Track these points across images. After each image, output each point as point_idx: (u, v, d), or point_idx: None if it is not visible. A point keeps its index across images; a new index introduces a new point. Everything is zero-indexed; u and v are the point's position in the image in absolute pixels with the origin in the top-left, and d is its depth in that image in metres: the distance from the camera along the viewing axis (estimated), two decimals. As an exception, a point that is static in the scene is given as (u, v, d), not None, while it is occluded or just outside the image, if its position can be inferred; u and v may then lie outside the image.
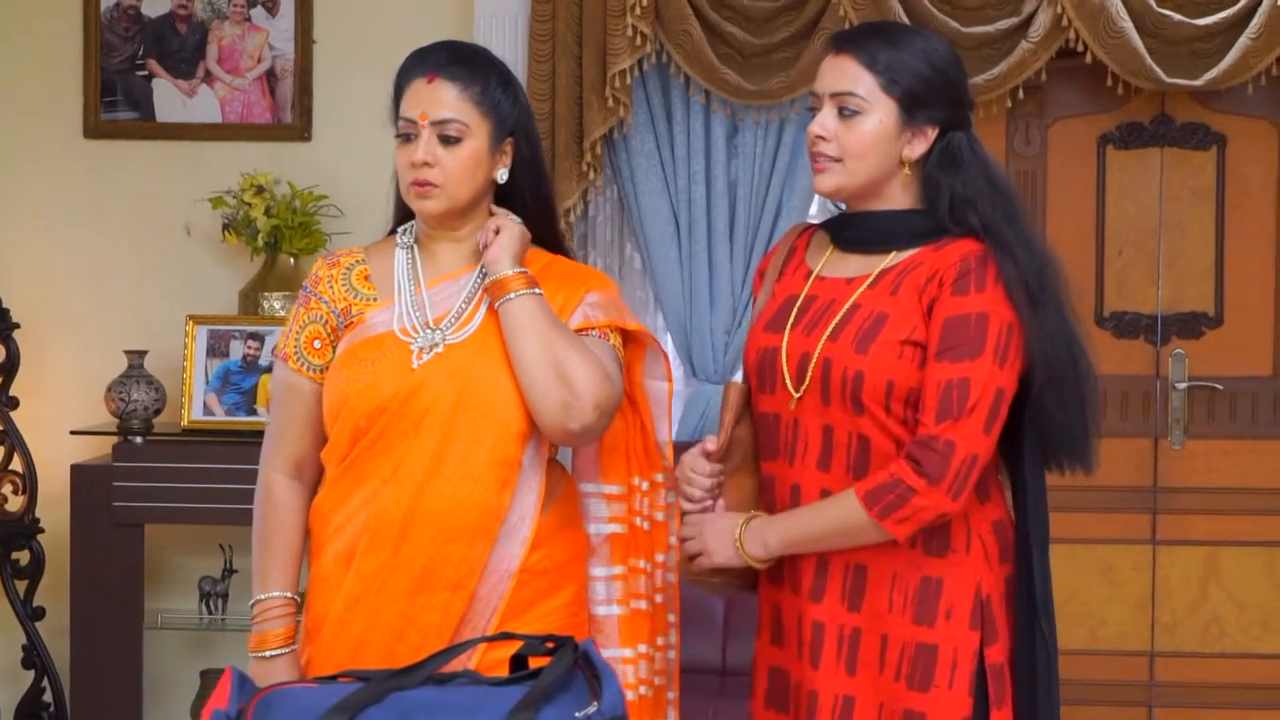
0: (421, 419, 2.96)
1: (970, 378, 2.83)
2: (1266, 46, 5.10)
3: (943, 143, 2.96)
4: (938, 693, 2.90)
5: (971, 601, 2.92)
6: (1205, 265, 5.48)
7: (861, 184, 2.97)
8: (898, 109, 2.94)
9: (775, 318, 3.05)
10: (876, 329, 2.90)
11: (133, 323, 5.49)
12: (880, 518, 2.84)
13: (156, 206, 5.55)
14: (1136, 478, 5.48)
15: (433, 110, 3.01)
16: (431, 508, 2.94)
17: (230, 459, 5.05)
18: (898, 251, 2.97)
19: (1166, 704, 5.48)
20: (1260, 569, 5.48)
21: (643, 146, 5.36)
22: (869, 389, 2.88)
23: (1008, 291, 2.87)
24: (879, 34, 3.02)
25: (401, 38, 5.41)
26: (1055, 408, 2.92)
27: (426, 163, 3.00)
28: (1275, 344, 5.48)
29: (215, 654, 5.45)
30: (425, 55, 3.07)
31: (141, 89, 5.56)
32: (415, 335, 3.01)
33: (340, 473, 3.01)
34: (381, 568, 2.95)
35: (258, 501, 3.09)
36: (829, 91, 2.96)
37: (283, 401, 3.09)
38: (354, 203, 5.43)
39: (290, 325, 3.10)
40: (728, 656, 5.13)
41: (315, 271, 3.11)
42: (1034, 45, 5.15)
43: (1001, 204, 2.95)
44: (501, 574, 2.98)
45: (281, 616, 3.02)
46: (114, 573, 5.08)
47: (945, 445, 2.82)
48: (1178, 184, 5.48)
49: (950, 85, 2.98)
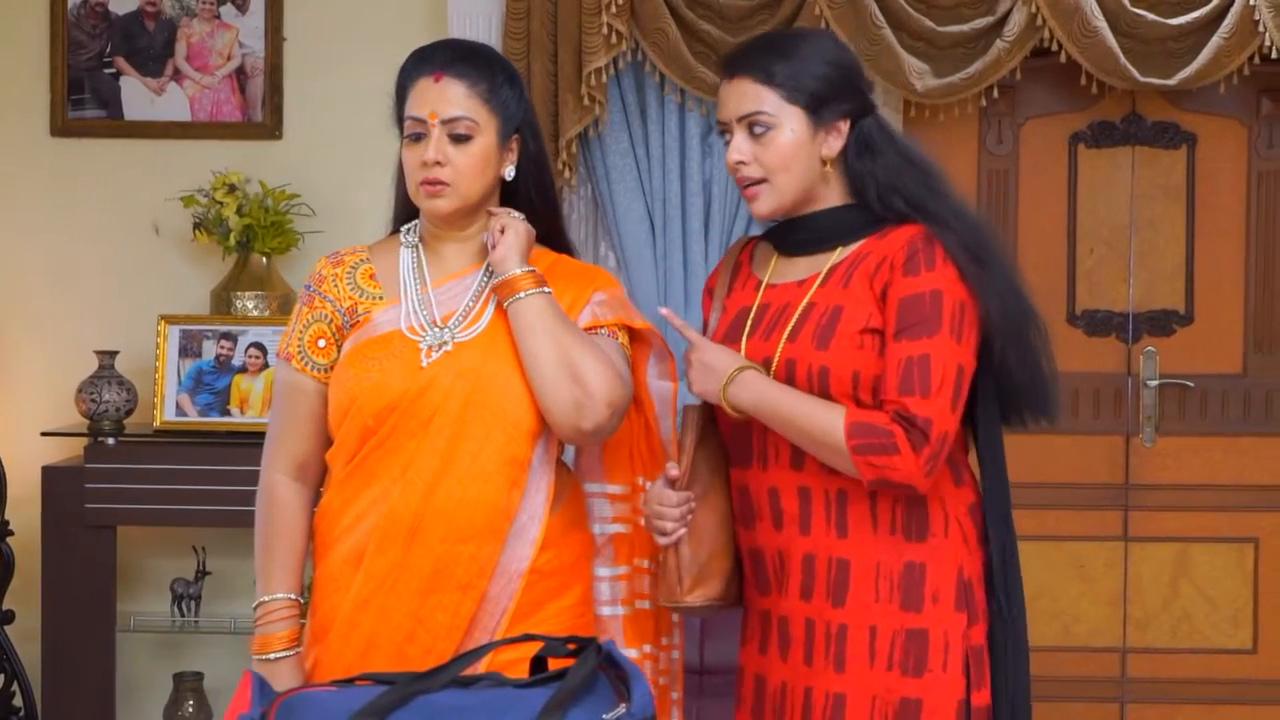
0: (431, 418, 2.94)
1: (930, 354, 2.87)
2: (1238, 46, 5.13)
3: (855, 133, 3.01)
4: (932, 677, 2.92)
5: (955, 584, 2.95)
6: (1176, 264, 5.52)
7: (793, 197, 3.02)
8: (805, 115, 2.98)
9: (730, 329, 3.08)
10: (834, 323, 2.94)
11: (102, 323, 5.44)
12: (855, 452, 2.86)
13: (125, 205, 5.50)
14: (1108, 475, 5.51)
15: (442, 109, 2.99)
16: (442, 507, 2.93)
17: (203, 460, 5.02)
18: (843, 247, 3.02)
19: (1139, 699, 5.52)
20: (1230, 565, 5.52)
21: (617, 145, 5.35)
22: (835, 382, 2.91)
23: (957, 265, 2.92)
24: (767, 49, 3.05)
25: (373, 36, 5.47)
26: (1018, 364, 2.98)
27: (438, 162, 2.98)
28: (1245, 341, 5.52)
29: (188, 657, 5.41)
30: (429, 54, 3.05)
31: (109, 87, 5.51)
32: (423, 334, 3.00)
33: (349, 473, 2.99)
34: (392, 568, 2.93)
35: (260, 503, 3.06)
36: (735, 116, 3.01)
37: (285, 401, 3.07)
38: (326, 202, 5.40)
39: (293, 325, 3.08)
40: (705, 656, 5.12)
41: (319, 270, 3.09)
42: (1009, 44, 5.16)
43: (922, 179, 3.01)
44: (511, 574, 2.96)
45: (286, 619, 3.01)
46: (86, 575, 5.03)
47: (924, 423, 2.86)
48: (1148, 183, 5.51)
49: (848, 77, 3.03)
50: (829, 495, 2.96)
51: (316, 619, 3.01)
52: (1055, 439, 5.47)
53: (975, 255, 2.94)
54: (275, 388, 3.11)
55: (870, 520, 2.95)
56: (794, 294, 3.02)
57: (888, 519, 2.95)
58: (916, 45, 5.19)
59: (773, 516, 3.00)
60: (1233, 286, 5.51)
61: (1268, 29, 5.09)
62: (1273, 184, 5.49)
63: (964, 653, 2.94)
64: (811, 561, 2.97)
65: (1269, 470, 5.51)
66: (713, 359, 2.99)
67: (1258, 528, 5.52)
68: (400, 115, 3.06)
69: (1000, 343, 2.94)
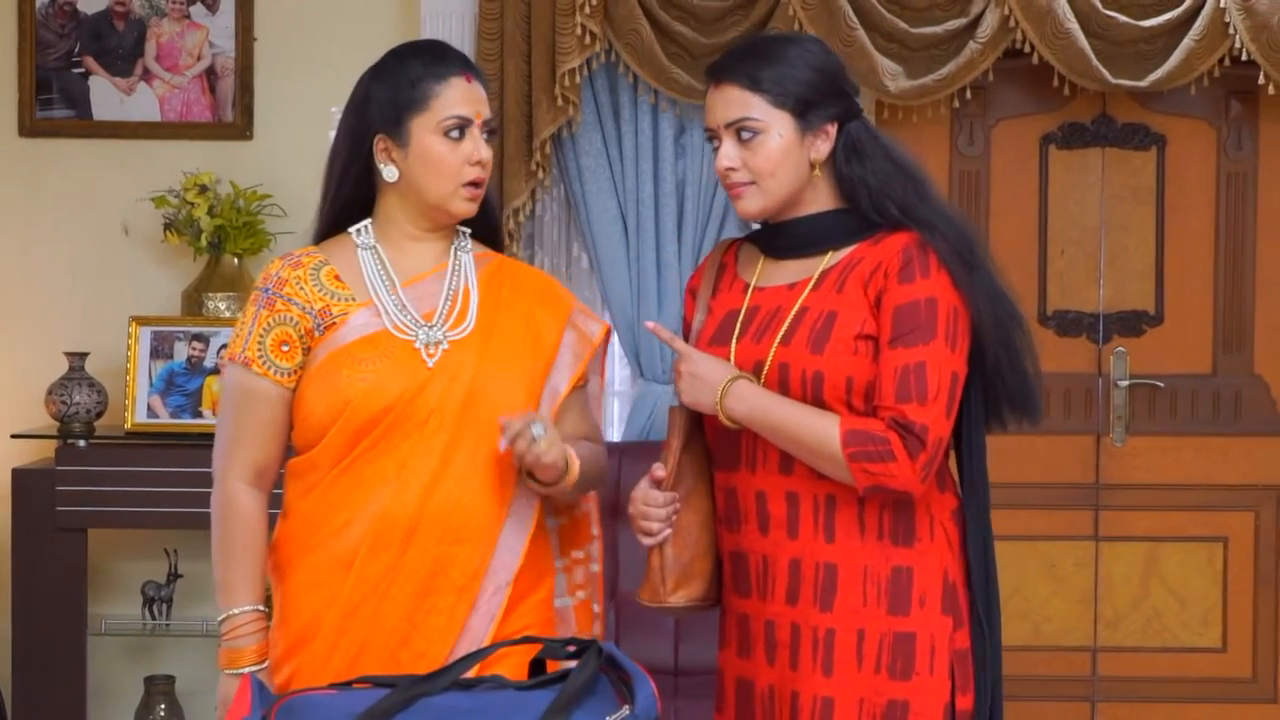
0: (427, 419, 2.92)
1: (926, 361, 2.88)
2: (1209, 48, 5.16)
3: (842, 137, 3.02)
4: (919, 680, 2.93)
5: (941, 588, 2.96)
6: (1146, 264, 5.54)
7: (781, 200, 3.02)
8: (793, 119, 2.98)
9: (719, 332, 3.06)
10: (829, 328, 2.94)
11: (72, 324, 5.40)
12: (851, 460, 2.86)
13: (94, 206, 5.47)
14: (1079, 474, 5.53)
15: (484, 109, 3.01)
16: (440, 509, 2.91)
17: (176, 462, 5.00)
18: (834, 251, 3.02)
19: (1109, 698, 5.54)
20: (1200, 564, 5.55)
21: (590, 146, 5.35)
22: (829, 387, 2.91)
23: (949, 271, 2.93)
24: (752, 55, 3.05)
25: (344, 36, 5.45)
26: (1008, 366, 2.99)
27: (483, 162, 2.99)
28: (1214, 342, 5.55)
29: (159, 660, 5.38)
30: (446, 53, 3.04)
31: (78, 87, 5.47)
32: (413, 333, 2.98)
33: (335, 475, 2.94)
34: (386, 572, 2.90)
35: (220, 513, 2.97)
36: (723, 123, 3.01)
37: (242, 407, 2.99)
38: (297, 202, 5.36)
39: (248, 328, 2.99)
40: (680, 657, 5.13)
41: (276, 273, 3.00)
42: (982, 46, 5.18)
43: (912, 184, 3.02)
44: (503, 576, 2.96)
45: (255, 632, 2.94)
46: (56, 578, 5.00)
47: (921, 429, 2.86)
48: (1119, 184, 5.54)
49: (834, 81, 3.03)
50: (817, 500, 2.96)
51: (293, 628, 2.95)
52: (1026, 439, 5.42)
53: (965, 260, 2.95)
54: (229, 393, 3.02)
55: (858, 525, 2.95)
56: (784, 297, 3.02)
57: (875, 524, 2.96)
58: (889, 46, 5.20)
59: (759, 520, 3.00)
60: (1202, 287, 5.54)
61: (1238, 31, 5.12)
62: (1242, 185, 5.53)
63: (950, 656, 2.96)
64: (798, 566, 2.97)
65: (1238, 470, 5.54)
66: (704, 370, 2.97)
67: (1227, 527, 5.55)
68: (397, 115, 2.97)
69: (992, 347, 2.96)
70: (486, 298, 3.05)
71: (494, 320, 3.03)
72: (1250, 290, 5.54)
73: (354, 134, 3.03)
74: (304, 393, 2.97)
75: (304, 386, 2.97)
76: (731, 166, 3.00)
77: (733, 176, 3.00)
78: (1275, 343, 5.53)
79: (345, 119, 3.07)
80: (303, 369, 2.98)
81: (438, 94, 2.98)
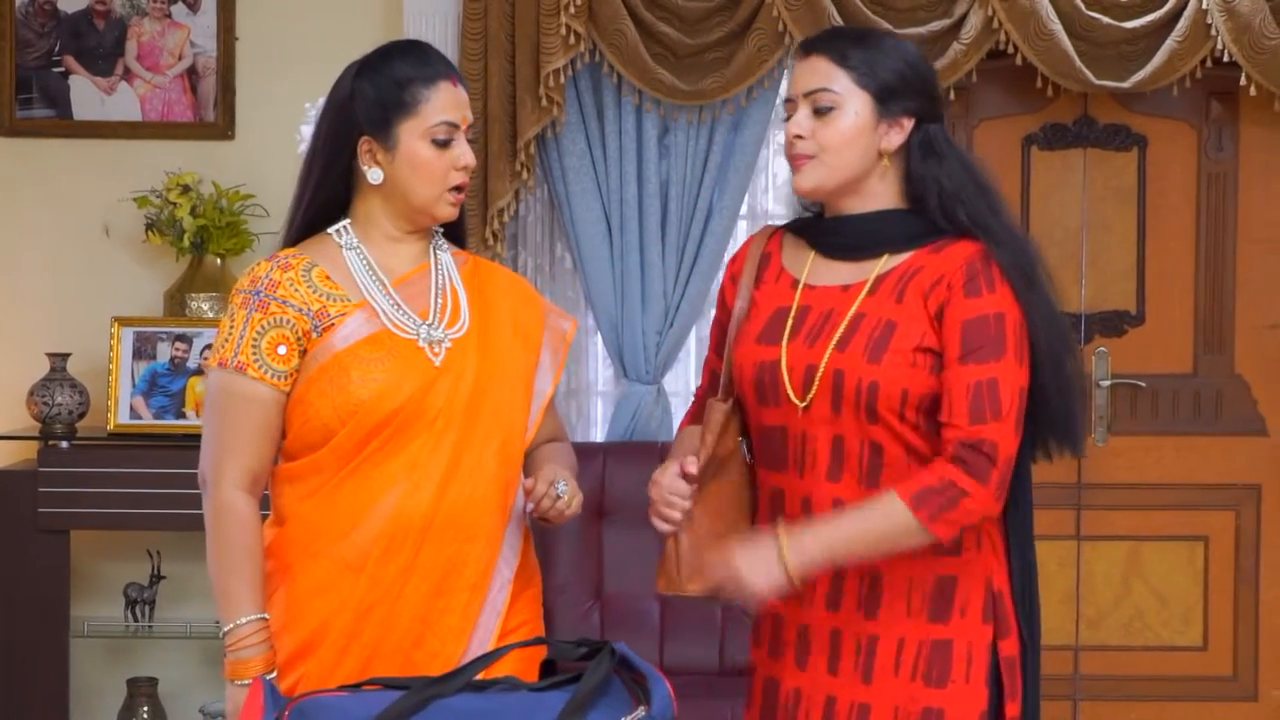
0: (435, 418, 2.92)
1: (999, 378, 2.83)
2: (1191, 49, 5.18)
3: (920, 134, 2.95)
4: (955, 688, 2.90)
5: (984, 596, 2.93)
6: (1127, 265, 5.56)
7: (841, 180, 2.94)
8: (872, 101, 2.92)
9: (767, 329, 3.00)
10: (887, 338, 2.88)
11: (53, 325, 5.38)
12: (929, 520, 2.79)
13: (75, 206, 5.44)
14: (1061, 474, 5.49)
15: (468, 114, 3.00)
16: (452, 508, 2.91)
17: (158, 463, 4.99)
18: (890, 255, 2.95)
19: (1091, 697, 5.56)
20: (1181, 563, 5.57)
21: (574, 146, 5.34)
22: (884, 398, 2.86)
23: (1012, 286, 2.88)
24: (847, 35, 3.03)
25: (327, 35, 5.43)
26: (1055, 391, 2.92)
27: (468, 168, 2.99)
28: (1195, 342, 5.57)
29: (142, 662, 5.36)
30: (431, 56, 3.02)
31: (58, 86, 5.45)
32: (414, 332, 2.97)
33: (341, 478, 2.92)
34: (400, 573, 2.89)
35: (217, 521, 2.92)
36: (803, 91, 2.95)
37: (236, 413, 2.93)
38: (279, 202, 5.26)
39: (240, 332, 2.93)
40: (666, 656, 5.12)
41: (266, 275, 2.96)
42: (966, 47, 5.19)
43: (985, 197, 2.95)
44: (506, 571, 2.98)
45: (262, 642, 2.88)
46: (39, 580, 4.99)
47: (990, 447, 2.80)
48: (1100, 184, 5.56)
49: (922, 78, 2.98)
50: None
51: (299, 633, 2.92)
52: (1009, 439, 5.50)
53: (1027, 278, 2.90)
54: (217, 399, 2.95)
55: None
56: (838, 299, 2.95)
57: None
58: (873, 47, 5.20)
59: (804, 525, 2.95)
60: (1183, 287, 5.56)
61: (1220, 32, 5.15)
62: (1222, 186, 5.55)
63: (989, 664, 2.92)
64: (842, 573, 2.92)
65: (1219, 469, 5.57)
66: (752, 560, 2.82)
67: (1208, 526, 5.57)
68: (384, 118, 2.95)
69: (1044, 368, 2.90)
70: (473, 297, 3.05)
71: (485, 320, 3.03)
72: (1231, 290, 5.56)
73: (336, 134, 3.00)
74: (304, 395, 2.93)
75: (304, 389, 2.93)
76: (800, 135, 2.93)
77: (799, 146, 2.93)
78: (1255, 343, 5.56)
79: (326, 117, 3.03)
80: (298, 372, 2.95)
81: (427, 99, 2.96)
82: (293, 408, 2.95)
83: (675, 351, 5.44)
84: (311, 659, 2.91)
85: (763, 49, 5.21)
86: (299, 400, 2.94)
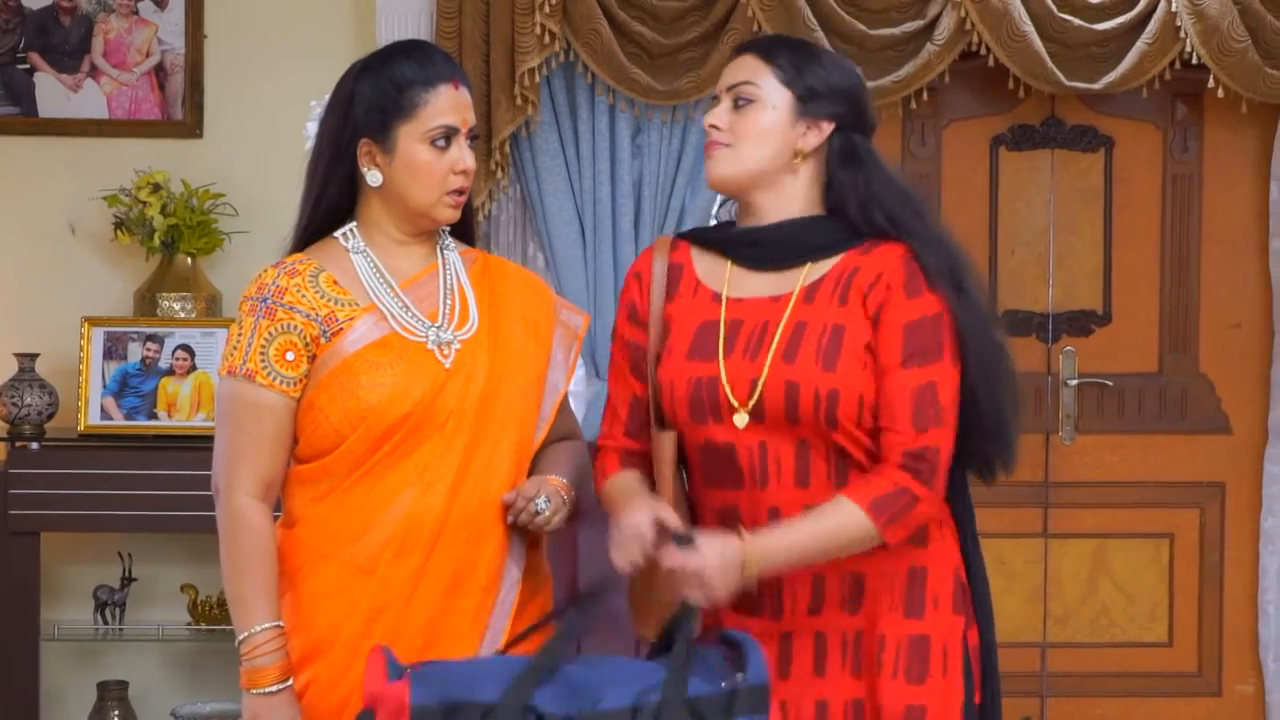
0: (446, 420, 2.92)
1: (937, 380, 2.87)
2: (1160, 51, 5.23)
3: (842, 140, 2.98)
4: (933, 683, 2.93)
5: (953, 587, 2.97)
6: (1094, 265, 5.61)
7: (753, 172, 2.96)
8: (793, 99, 2.95)
9: (697, 345, 2.97)
10: (838, 343, 2.89)
11: (20, 325, 5.30)
12: (885, 526, 2.84)
13: (41, 205, 5.38)
14: (1029, 473, 5.58)
15: (469, 117, 3.00)
16: (464, 510, 2.91)
17: (130, 464, 4.95)
18: (814, 263, 2.95)
19: (1058, 693, 5.61)
20: (1147, 561, 5.63)
21: (547, 145, 5.33)
22: (844, 405, 2.87)
23: (942, 288, 2.89)
24: (785, 42, 3.07)
25: (297, 33, 5.40)
26: (986, 400, 2.93)
27: (468, 171, 2.99)
28: (1161, 341, 5.62)
29: (111, 666, 5.29)
30: (436, 58, 3.01)
31: (23, 83, 5.38)
32: (422, 334, 2.96)
33: (352, 482, 2.92)
34: (412, 576, 2.89)
35: (230, 530, 2.92)
36: (726, 85, 3.00)
37: (246, 421, 2.93)
38: (248, 202, 5.33)
39: (247, 339, 2.93)
40: (641, 657, 5.12)
41: (273, 282, 2.95)
42: (939, 48, 5.22)
43: (907, 201, 2.98)
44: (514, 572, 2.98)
45: (277, 649, 2.90)
46: (8, 583, 4.92)
47: (934, 453, 2.86)
48: (1067, 185, 5.60)
49: (851, 88, 3.01)
50: None
51: (309, 636, 2.92)
52: (977, 438, 5.54)
53: (957, 281, 2.91)
54: (228, 406, 2.95)
55: None
56: (769, 310, 2.94)
57: None
58: (847, 48, 5.21)
59: None
60: (1149, 287, 5.61)
61: (1189, 35, 5.20)
62: (1187, 187, 5.60)
63: (963, 657, 2.96)
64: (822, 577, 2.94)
65: (1184, 467, 5.62)
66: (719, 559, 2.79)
67: (1173, 524, 5.63)
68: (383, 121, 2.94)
69: (973, 376, 2.91)
70: (482, 296, 3.05)
71: (495, 319, 3.03)
72: (1196, 291, 5.61)
73: (337, 136, 2.99)
74: (315, 401, 2.94)
75: (314, 394, 2.94)
76: (716, 125, 2.97)
77: (714, 135, 2.97)
78: (1220, 342, 5.61)
79: (327, 119, 3.02)
80: (308, 377, 2.95)
81: (426, 102, 2.95)
82: (303, 413, 2.96)
83: (648, 351, 5.42)
84: (321, 662, 2.91)
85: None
86: (309, 406, 2.95)
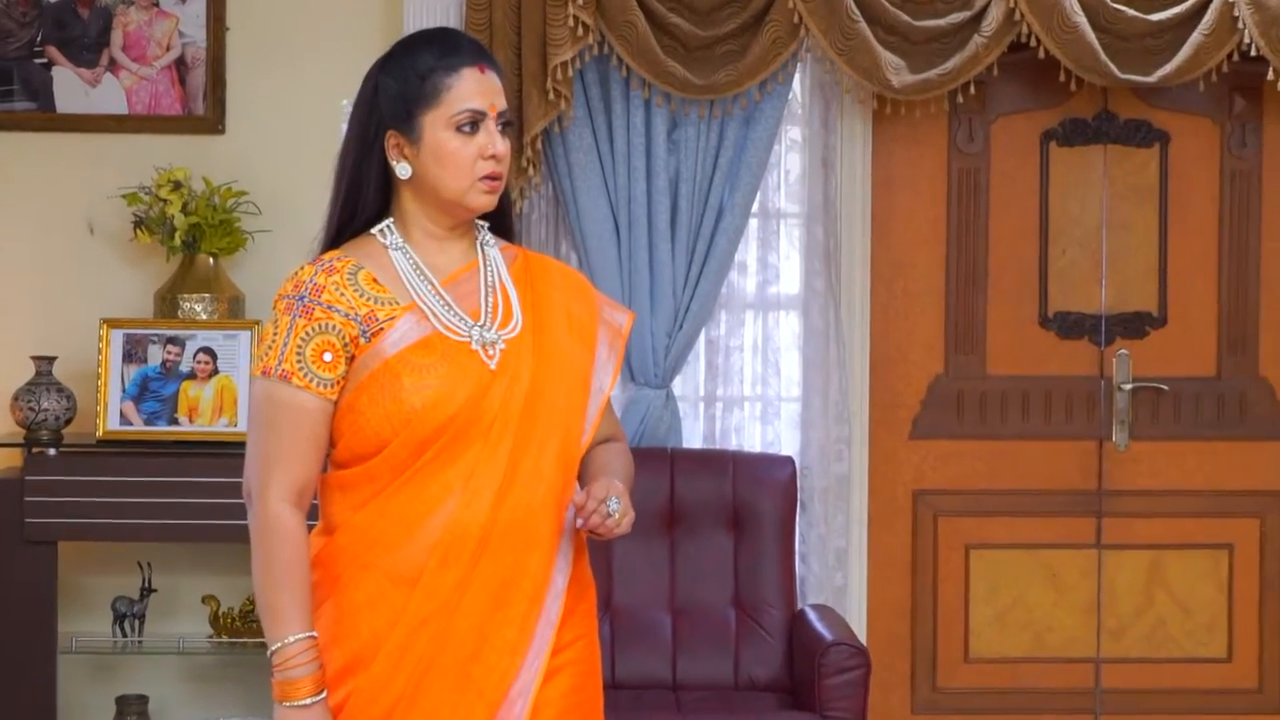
0: (491, 424, 2.79)
1: None
2: (1217, 43, 5.04)
3: None
4: None
5: None
6: (1149, 264, 5.42)
7: None
8: None
9: None
10: None
11: (38, 327, 5.16)
12: None
13: (59, 203, 5.23)
14: (1081, 481, 5.40)
15: (498, 101, 2.88)
16: (511, 517, 2.79)
17: (150, 471, 4.81)
18: None
19: (1113, 711, 5.41)
20: (1205, 572, 5.43)
21: (580, 142, 5.16)
22: None
23: None
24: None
25: (323, 25, 5.24)
26: None
27: (498, 156, 2.85)
28: (1219, 344, 5.44)
29: (130, 679, 5.15)
30: (461, 43, 2.91)
31: (40, 78, 5.23)
32: (465, 334, 2.83)
33: (396, 487, 2.80)
34: (457, 585, 2.77)
35: (263, 536, 2.80)
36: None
37: (281, 423, 2.81)
38: (272, 200, 5.18)
39: (282, 339, 2.81)
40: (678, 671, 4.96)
41: (310, 279, 2.83)
42: (986, 40, 5.04)
43: None
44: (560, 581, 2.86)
45: (310, 661, 2.76)
46: (25, 593, 4.79)
47: None
48: (1121, 182, 5.41)
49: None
50: None
51: (349, 648, 2.80)
52: (1027, 444, 5.37)
53: None
54: (262, 408, 2.84)
55: None
56: None
57: None
58: (891, 40, 5.05)
59: None
60: (1206, 288, 5.43)
61: (1247, 25, 5.01)
62: (1246, 184, 5.41)
63: None
64: None
65: (1243, 475, 5.42)
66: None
67: (1232, 534, 5.44)
68: (407, 110, 2.83)
69: None
70: (524, 294, 2.94)
71: (538, 318, 2.91)
72: (1255, 290, 5.43)
73: (364, 130, 2.90)
74: (354, 403, 2.81)
75: (354, 397, 2.81)
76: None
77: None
78: (1280, 345, 5.42)
79: (355, 114, 2.93)
80: (345, 379, 2.83)
81: (449, 87, 2.85)
82: (342, 416, 2.84)
83: (685, 354, 5.25)
84: (362, 674, 2.80)
85: (777, 42, 5.03)
86: (348, 408, 2.83)
